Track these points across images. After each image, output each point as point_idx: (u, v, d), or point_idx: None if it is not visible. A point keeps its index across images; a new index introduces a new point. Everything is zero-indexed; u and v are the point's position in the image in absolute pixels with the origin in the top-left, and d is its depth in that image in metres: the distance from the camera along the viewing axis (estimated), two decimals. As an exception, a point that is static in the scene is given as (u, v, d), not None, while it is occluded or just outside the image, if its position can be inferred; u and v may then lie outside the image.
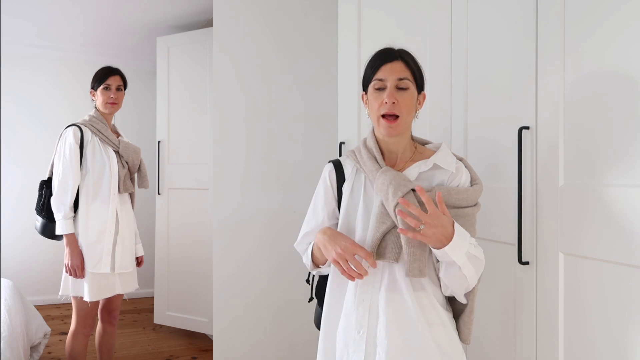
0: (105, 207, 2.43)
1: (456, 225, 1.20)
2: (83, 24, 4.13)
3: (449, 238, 1.18)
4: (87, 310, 2.44)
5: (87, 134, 2.44)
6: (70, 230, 2.36)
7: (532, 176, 1.53)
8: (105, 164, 2.44)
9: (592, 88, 1.37)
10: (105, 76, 2.49)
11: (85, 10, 3.80)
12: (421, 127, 1.95)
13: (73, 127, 2.43)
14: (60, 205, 2.36)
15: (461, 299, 1.33)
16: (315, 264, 1.44)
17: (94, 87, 2.51)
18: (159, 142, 3.93)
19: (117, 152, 2.49)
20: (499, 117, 1.67)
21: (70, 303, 2.51)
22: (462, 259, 1.21)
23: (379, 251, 1.29)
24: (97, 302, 2.46)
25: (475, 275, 1.27)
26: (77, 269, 2.34)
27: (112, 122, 2.59)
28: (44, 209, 2.44)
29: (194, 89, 3.78)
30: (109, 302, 2.60)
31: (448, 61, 1.88)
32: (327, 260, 1.38)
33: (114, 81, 2.50)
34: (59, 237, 2.45)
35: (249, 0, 2.89)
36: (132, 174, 2.56)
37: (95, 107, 2.52)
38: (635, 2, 1.26)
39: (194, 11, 3.76)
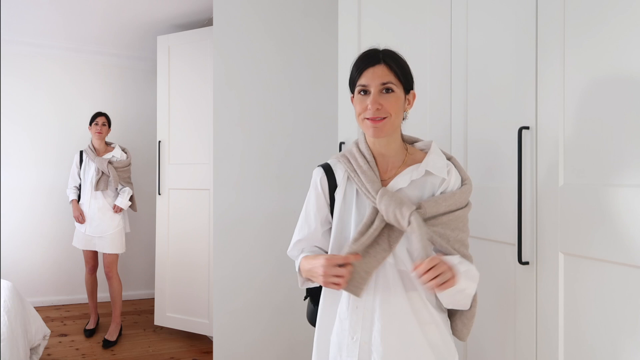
0: (87, 198, 3.85)
1: (449, 258, 1.23)
2: (83, 22, 4.12)
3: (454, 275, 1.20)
4: (86, 256, 3.93)
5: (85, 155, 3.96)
6: (72, 197, 3.95)
7: (532, 176, 1.53)
8: (88, 173, 3.88)
9: (592, 88, 1.36)
10: (94, 117, 3.91)
11: (85, 9, 3.80)
12: (421, 127, 1.95)
13: (80, 151, 4.03)
14: (68, 190, 4.01)
15: (465, 308, 1.34)
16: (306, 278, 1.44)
17: (90, 123, 3.91)
18: (159, 142, 3.92)
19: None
20: (499, 117, 1.67)
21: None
22: (469, 285, 1.25)
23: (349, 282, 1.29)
24: (88, 251, 3.89)
25: (475, 286, 1.29)
26: (76, 218, 3.87)
27: (105, 142, 3.97)
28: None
29: (195, 88, 3.77)
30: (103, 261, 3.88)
31: (448, 61, 1.87)
32: None
33: (100, 120, 3.90)
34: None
35: None
36: (109, 178, 3.80)
37: (91, 137, 3.98)
38: (635, 3, 1.25)
39: (194, 10, 3.76)
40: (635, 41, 1.25)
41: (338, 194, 1.39)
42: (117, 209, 3.82)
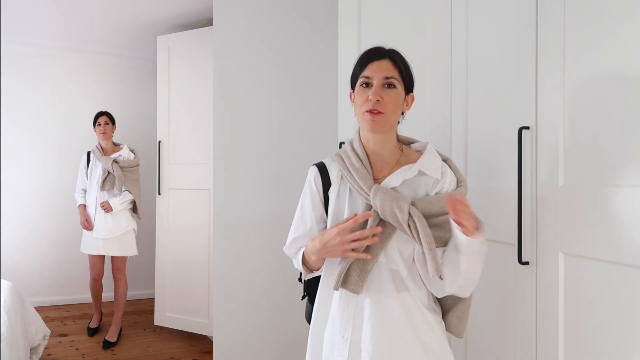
0: (93, 199, 3.80)
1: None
2: (83, 22, 4.12)
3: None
4: (91, 262, 3.85)
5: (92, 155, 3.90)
6: (80, 202, 3.88)
7: (532, 176, 1.53)
8: (95, 173, 3.82)
9: (592, 88, 1.36)
10: (96, 117, 3.86)
11: (85, 9, 3.80)
12: (421, 127, 1.95)
13: (88, 152, 3.95)
14: (76, 194, 3.93)
15: (466, 293, 1.32)
16: (310, 269, 1.43)
17: (93, 124, 3.86)
18: (159, 142, 3.93)
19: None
20: (499, 117, 1.67)
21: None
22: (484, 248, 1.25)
23: (344, 280, 1.29)
24: (94, 257, 3.82)
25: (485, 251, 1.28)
26: (83, 225, 3.81)
27: (112, 142, 3.91)
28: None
29: (195, 88, 3.77)
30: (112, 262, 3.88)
31: (448, 61, 1.87)
32: (321, 266, 1.39)
33: (102, 120, 3.83)
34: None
35: None
36: (114, 178, 3.73)
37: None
38: (636, 4, 1.25)
39: (194, 10, 3.75)
40: (636, 42, 1.25)
41: (332, 193, 1.39)
42: (106, 205, 3.69)
